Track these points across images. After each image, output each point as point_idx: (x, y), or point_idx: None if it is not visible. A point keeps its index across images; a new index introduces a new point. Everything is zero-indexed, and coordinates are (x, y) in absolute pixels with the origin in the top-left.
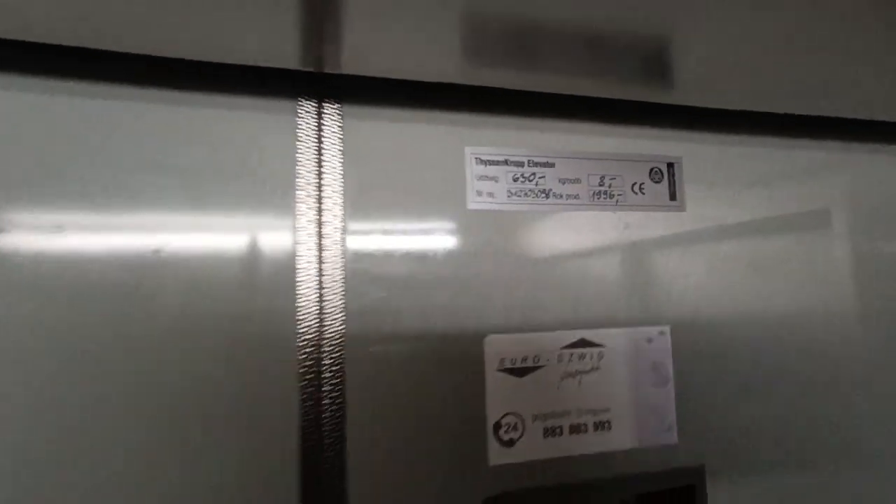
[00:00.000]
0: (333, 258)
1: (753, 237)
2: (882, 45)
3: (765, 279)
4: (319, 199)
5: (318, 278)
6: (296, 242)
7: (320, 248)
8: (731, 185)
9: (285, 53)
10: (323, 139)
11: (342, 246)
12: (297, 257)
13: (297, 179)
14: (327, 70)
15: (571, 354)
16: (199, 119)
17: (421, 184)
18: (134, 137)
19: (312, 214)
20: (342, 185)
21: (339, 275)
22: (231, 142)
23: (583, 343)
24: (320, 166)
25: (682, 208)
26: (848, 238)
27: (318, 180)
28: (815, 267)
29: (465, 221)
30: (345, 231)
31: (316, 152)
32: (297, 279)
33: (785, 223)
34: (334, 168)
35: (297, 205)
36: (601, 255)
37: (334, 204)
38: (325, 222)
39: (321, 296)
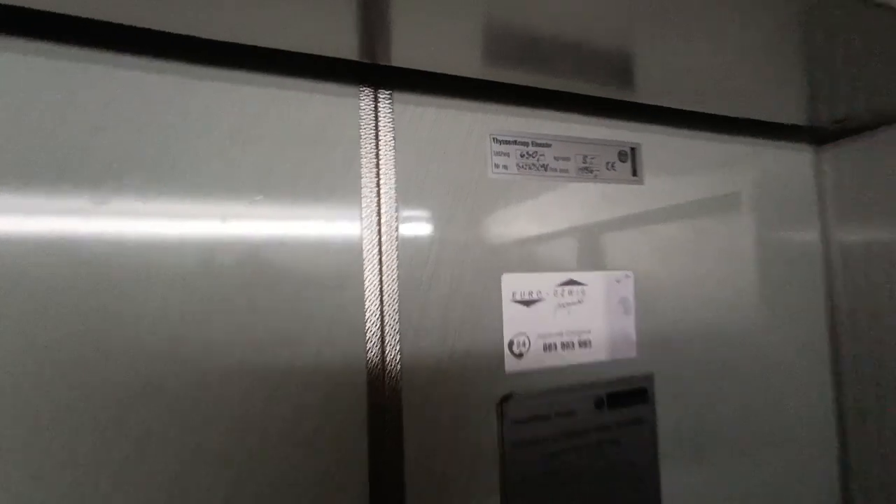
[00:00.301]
0: (389, 206)
1: (691, 208)
2: (791, 68)
3: (698, 240)
4: (378, 181)
5: (377, 216)
6: (363, 227)
7: (379, 215)
8: (676, 166)
9: (347, 46)
10: (379, 124)
11: (396, 214)
12: (363, 240)
13: (363, 153)
14: (380, 62)
15: (563, 290)
16: (270, 101)
17: (453, 158)
18: (218, 118)
19: (373, 196)
20: (394, 166)
21: (395, 223)
22: (300, 123)
23: (571, 282)
24: (377, 149)
25: (641, 182)
26: (753, 214)
27: (376, 162)
28: (729, 237)
29: (486, 187)
30: (398, 209)
31: (373, 135)
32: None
33: (712, 200)
34: (389, 150)
35: (363, 188)
36: (585, 216)
37: (389, 185)
38: (382, 199)
39: (380, 239)
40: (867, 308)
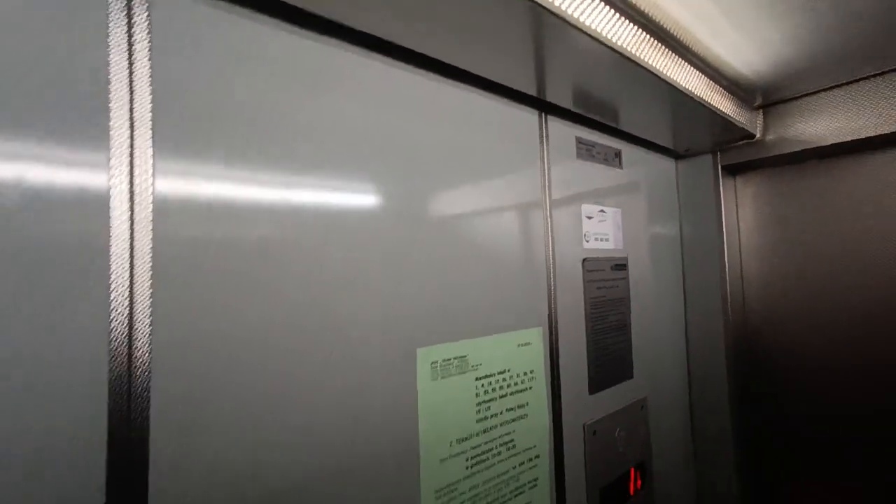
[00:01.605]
0: (547, 178)
1: (632, 183)
2: (667, 126)
3: (637, 199)
4: (545, 166)
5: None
6: (545, 214)
7: (550, 201)
8: (630, 161)
9: (531, 87)
10: (542, 132)
11: (550, 185)
12: (548, 220)
13: (541, 168)
14: (542, 98)
15: (600, 213)
16: (470, 103)
17: (562, 153)
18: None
19: (546, 193)
20: (549, 158)
21: (549, 191)
22: (500, 125)
23: (602, 210)
24: (542, 147)
25: (622, 168)
26: (647, 192)
27: (541, 155)
28: (641, 203)
29: (576, 165)
30: (550, 180)
31: (539, 139)
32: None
33: (637, 181)
34: (545, 149)
35: (544, 188)
36: (604, 180)
37: (548, 167)
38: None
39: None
40: (695, 272)
